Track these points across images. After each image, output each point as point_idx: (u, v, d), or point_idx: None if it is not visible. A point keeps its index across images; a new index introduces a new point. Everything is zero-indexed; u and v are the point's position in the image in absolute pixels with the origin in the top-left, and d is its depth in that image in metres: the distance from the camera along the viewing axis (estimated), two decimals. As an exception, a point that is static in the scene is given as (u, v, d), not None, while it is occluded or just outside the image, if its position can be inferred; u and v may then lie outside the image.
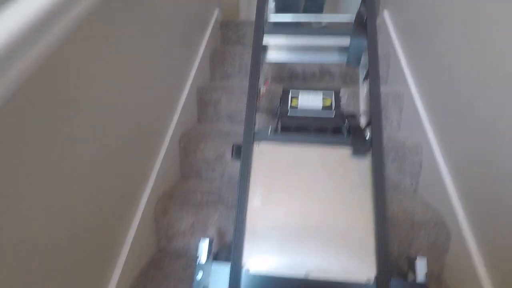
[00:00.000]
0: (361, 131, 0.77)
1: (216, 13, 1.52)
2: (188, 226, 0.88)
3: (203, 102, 1.24)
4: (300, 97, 0.92)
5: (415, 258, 0.62)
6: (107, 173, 0.69)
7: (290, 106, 0.90)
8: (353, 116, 0.85)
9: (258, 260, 0.66)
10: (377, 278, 0.61)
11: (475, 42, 0.75)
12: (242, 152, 0.75)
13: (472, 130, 0.75)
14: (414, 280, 0.62)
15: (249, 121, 0.76)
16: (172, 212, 0.89)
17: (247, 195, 0.71)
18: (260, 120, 1.17)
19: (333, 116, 0.86)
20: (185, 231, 0.89)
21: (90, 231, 0.65)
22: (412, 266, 0.64)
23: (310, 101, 0.91)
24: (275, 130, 0.90)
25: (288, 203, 0.71)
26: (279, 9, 1.45)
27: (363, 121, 0.83)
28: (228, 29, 1.58)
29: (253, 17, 0.87)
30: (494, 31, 0.69)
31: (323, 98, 0.91)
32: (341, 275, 0.63)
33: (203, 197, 0.92)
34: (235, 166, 1.05)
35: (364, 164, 0.71)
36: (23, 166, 0.46)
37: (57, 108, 0.52)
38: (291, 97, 0.92)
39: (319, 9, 1.69)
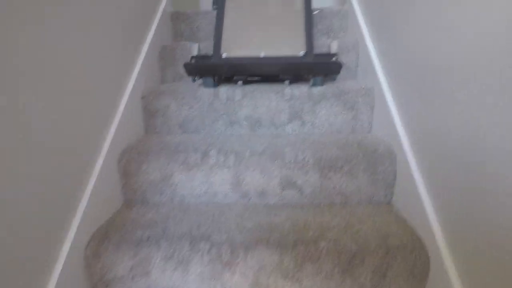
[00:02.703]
0: None
1: (163, 3, 1.33)
2: (126, 271, 0.74)
3: (149, 110, 1.07)
4: None
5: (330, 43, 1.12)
6: (17, 206, 0.53)
7: None
8: None
9: (230, 50, 1.09)
10: (305, 52, 1.06)
11: (454, 31, 0.63)
12: None
13: (449, 136, 0.63)
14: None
15: None
16: (106, 254, 0.74)
17: (223, 16, 1.14)
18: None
19: None
20: (124, 277, 0.74)
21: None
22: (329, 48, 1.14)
23: None
24: None
25: (250, 19, 1.14)
26: None
27: None
28: (180, 21, 1.39)
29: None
30: (476, 18, 0.56)
31: None
32: (284, 52, 1.07)
33: (145, 232, 0.77)
34: (185, 188, 0.90)
35: None
36: None
37: None
38: None
39: None
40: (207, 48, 1.22)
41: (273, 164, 0.87)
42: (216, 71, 1.05)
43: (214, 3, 1.22)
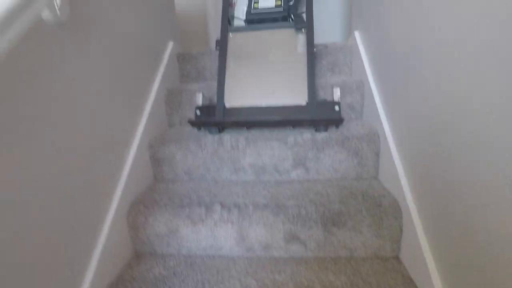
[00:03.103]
0: (301, 17, 1.22)
1: (170, 47, 1.37)
2: (133, 332, 0.76)
3: (156, 158, 1.10)
4: (259, 1, 1.30)
5: (332, 88, 1.08)
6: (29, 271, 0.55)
7: (253, 7, 1.29)
8: (298, 12, 1.27)
9: (233, 100, 1.11)
10: (308, 102, 1.06)
11: (462, 80, 0.62)
12: (220, 40, 1.19)
13: (456, 199, 0.62)
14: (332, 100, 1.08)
15: (224, 20, 1.22)
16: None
17: (225, 64, 1.15)
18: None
19: (282, 10, 1.25)
20: (131, 338, 0.76)
21: None
22: (331, 95, 1.10)
23: (266, 3, 1.29)
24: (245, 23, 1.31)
25: (253, 66, 1.14)
26: None
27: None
28: (186, 62, 1.43)
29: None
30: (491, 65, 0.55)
31: (275, 0, 1.29)
32: (286, 102, 1.08)
33: (151, 292, 0.79)
34: (191, 241, 0.92)
35: (302, 37, 1.16)
36: None
37: None
38: (254, 2, 1.30)
39: None
40: (212, 90, 1.24)
41: (276, 218, 0.87)
42: (219, 125, 1.09)
43: (217, 44, 1.22)
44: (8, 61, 0.55)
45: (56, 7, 0.60)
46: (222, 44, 1.17)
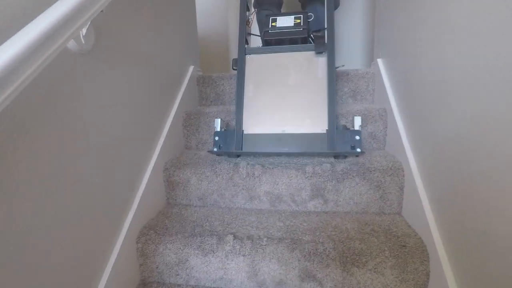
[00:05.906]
0: (322, 38, 1.15)
1: (190, 71, 1.39)
2: None
3: (170, 182, 1.09)
4: (278, 19, 1.24)
5: (353, 117, 1.05)
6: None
7: (271, 26, 1.24)
8: (319, 31, 1.22)
9: (252, 126, 1.10)
10: (327, 129, 1.03)
11: (500, 112, 0.57)
12: (238, 62, 1.17)
13: (494, 238, 0.55)
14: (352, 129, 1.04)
15: (241, 39, 1.20)
16: None
17: (243, 89, 1.13)
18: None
19: (301, 30, 1.20)
20: None
21: None
22: (352, 123, 1.07)
23: (285, 22, 1.23)
24: (262, 44, 1.28)
25: (271, 91, 1.12)
26: None
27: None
28: (205, 85, 1.44)
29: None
30: None
31: (294, 18, 1.23)
32: (306, 130, 1.05)
33: (156, 327, 0.75)
34: (201, 271, 0.88)
35: (322, 60, 1.12)
36: None
37: None
38: (271, 20, 1.25)
39: None
40: (230, 114, 1.23)
41: (291, 254, 0.82)
42: (238, 155, 1.12)
43: (233, 63, 1.20)
44: (32, 84, 0.56)
45: (81, 36, 0.61)
46: (240, 67, 1.16)
